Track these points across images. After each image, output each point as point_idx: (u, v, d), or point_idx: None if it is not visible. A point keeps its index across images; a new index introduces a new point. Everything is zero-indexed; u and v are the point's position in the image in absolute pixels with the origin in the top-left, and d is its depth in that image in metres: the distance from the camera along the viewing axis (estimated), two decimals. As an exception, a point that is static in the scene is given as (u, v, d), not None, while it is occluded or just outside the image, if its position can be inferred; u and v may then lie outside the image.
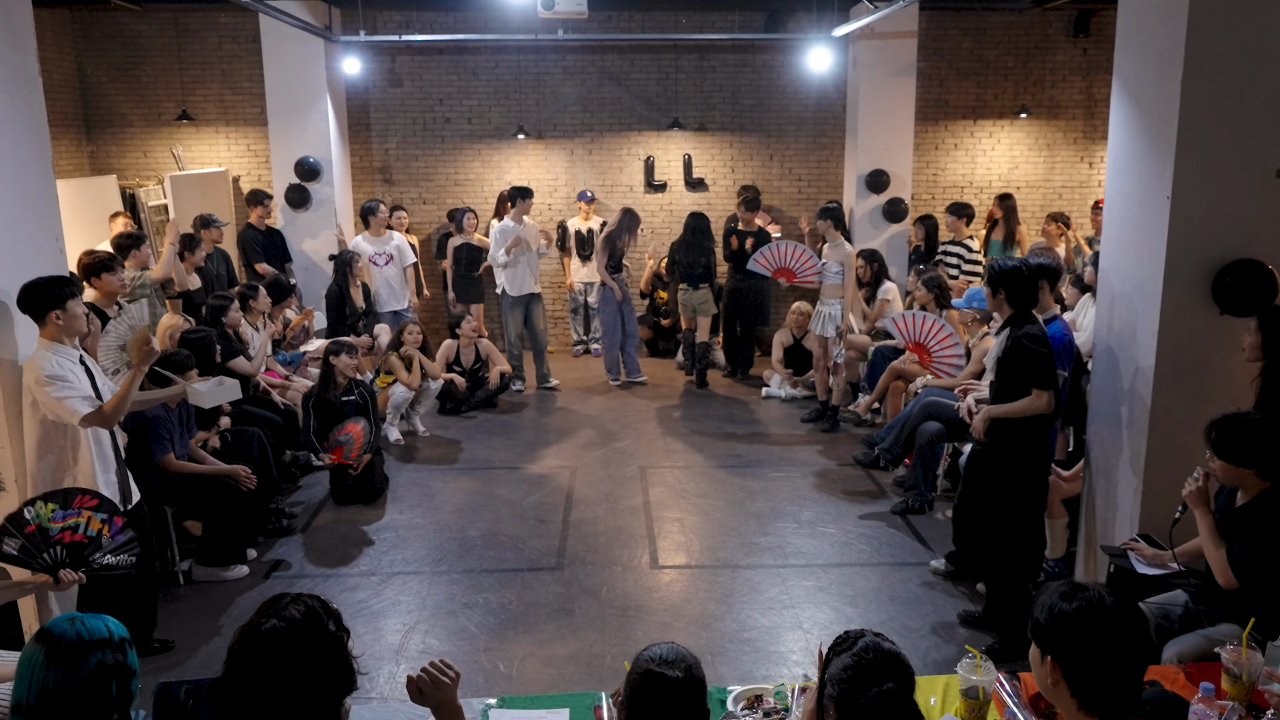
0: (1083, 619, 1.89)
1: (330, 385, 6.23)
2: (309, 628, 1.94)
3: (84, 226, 7.65)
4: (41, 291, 3.86)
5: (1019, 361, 4.03)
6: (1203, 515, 3.26)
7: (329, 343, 6.53)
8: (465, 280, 8.99)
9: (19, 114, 4.15)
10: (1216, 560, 3.19)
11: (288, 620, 1.93)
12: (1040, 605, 1.97)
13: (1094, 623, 1.88)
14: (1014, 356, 4.06)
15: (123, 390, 3.97)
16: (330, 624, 1.98)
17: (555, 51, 9.77)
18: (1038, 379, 4.00)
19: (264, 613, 1.97)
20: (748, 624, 4.54)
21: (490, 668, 4.18)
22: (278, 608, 1.97)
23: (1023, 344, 4.02)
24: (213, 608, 4.76)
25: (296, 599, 1.99)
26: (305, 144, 9.08)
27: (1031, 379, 4.01)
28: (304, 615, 1.95)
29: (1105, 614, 1.88)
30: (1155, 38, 4.02)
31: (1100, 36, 9.72)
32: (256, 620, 1.95)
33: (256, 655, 1.91)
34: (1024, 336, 4.03)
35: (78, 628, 2.12)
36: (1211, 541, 3.22)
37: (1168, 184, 3.93)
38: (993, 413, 4.14)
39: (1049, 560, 4.83)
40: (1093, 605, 1.89)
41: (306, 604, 1.98)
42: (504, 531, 5.64)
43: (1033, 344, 4.00)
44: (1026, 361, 4.01)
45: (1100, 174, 9.96)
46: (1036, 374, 4.00)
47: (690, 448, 7.13)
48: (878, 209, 9.29)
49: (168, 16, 9.48)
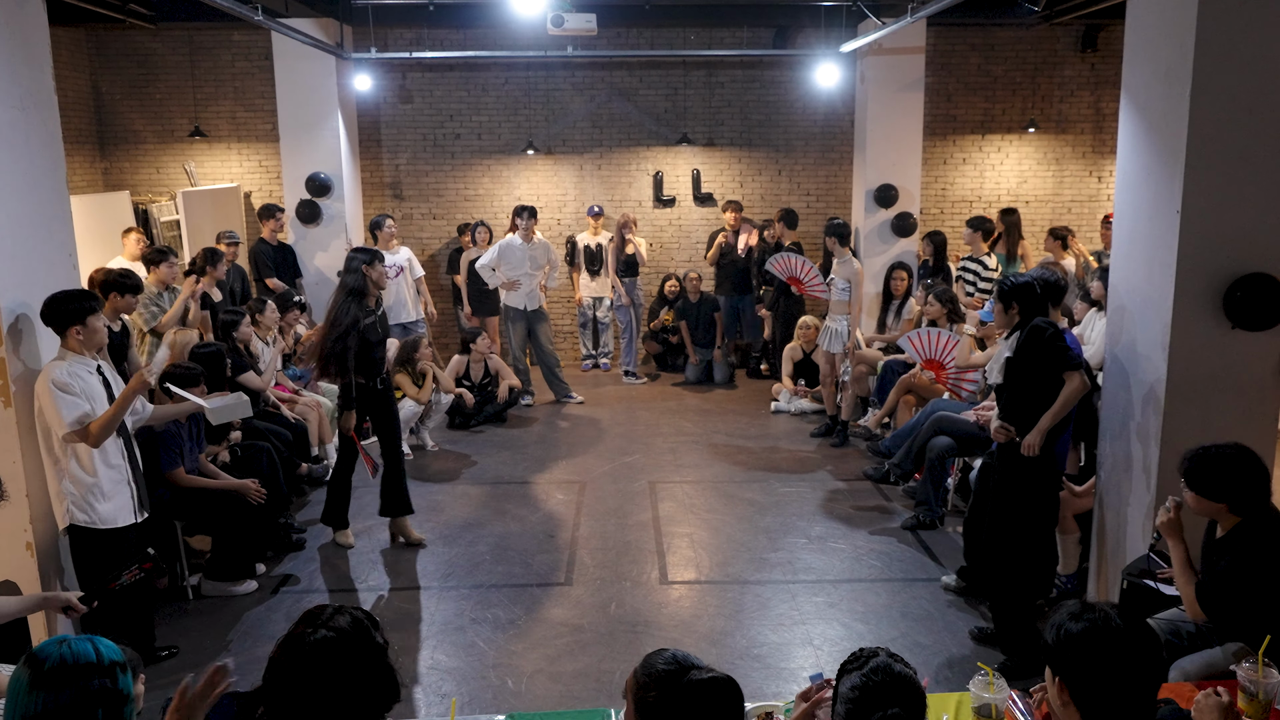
0: (1089, 639, 1.88)
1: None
2: (358, 638, 1.91)
3: (97, 242, 7.71)
4: (63, 306, 3.98)
5: (1037, 355, 4.00)
6: (1175, 545, 3.25)
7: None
8: (480, 293, 9.02)
9: (34, 130, 4.19)
10: (1185, 593, 3.18)
11: (337, 630, 1.89)
12: (1050, 625, 1.96)
13: (1101, 643, 1.87)
14: (1029, 351, 4.03)
15: (109, 414, 4.01)
16: (378, 635, 1.95)
17: (565, 68, 9.83)
18: (1062, 363, 3.98)
19: (308, 622, 1.92)
20: (758, 640, 4.52)
21: (499, 684, 4.16)
22: (322, 618, 1.92)
23: (1035, 336, 4.00)
24: (221, 622, 4.76)
25: (340, 609, 1.95)
26: (316, 160, 9.14)
27: (1057, 365, 3.98)
28: (352, 626, 1.91)
29: (1112, 634, 1.87)
30: (1163, 52, 4.02)
31: (1108, 51, 9.73)
32: (301, 630, 1.90)
33: (304, 666, 1.86)
34: (1033, 329, 4.01)
35: (63, 651, 2.03)
36: (1183, 574, 3.20)
37: (1177, 198, 3.92)
38: (1044, 425, 4.03)
39: (1061, 576, 4.80)
40: (1098, 626, 1.88)
41: (352, 614, 1.95)
42: (513, 546, 5.64)
43: (1044, 333, 3.99)
44: (1045, 351, 3.98)
45: (1109, 188, 9.95)
46: (1059, 359, 3.98)
47: (699, 462, 7.11)
48: (886, 224, 9.29)
49: (181, 35, 9.58)
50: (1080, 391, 3.98)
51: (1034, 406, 4.07)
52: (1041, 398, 4.06)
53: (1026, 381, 4.07)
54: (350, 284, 5.29)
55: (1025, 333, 4.06)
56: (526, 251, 8.44)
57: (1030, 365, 4.05)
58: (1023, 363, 4.08)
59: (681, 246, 10.27)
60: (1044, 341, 3.99)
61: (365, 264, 5.32)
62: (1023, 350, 4.07)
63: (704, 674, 1.89)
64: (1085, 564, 4.86)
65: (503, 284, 8.45)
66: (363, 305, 5.29)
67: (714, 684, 1.88)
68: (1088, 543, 4.82)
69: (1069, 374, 3.96)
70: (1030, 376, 4.07)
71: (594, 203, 9.89)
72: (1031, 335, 4.03)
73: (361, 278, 5.29)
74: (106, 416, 3.99)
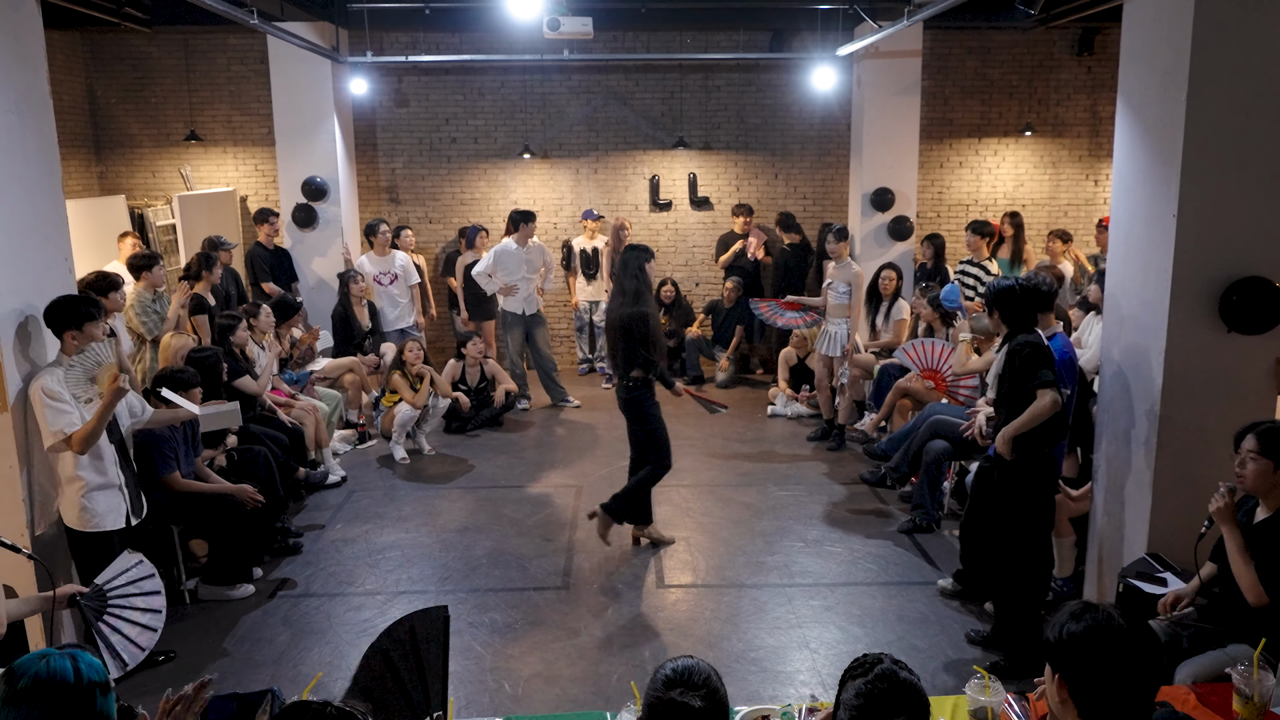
0: (1091, 638, 1.88)
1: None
2: None
3: (93, 246, 7.70)
4: (62, 310, 4.05)
5: (1017, 368, 4.04)
6: (1231, 532, 3.19)
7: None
8: (477, 297, 9.02)
9: (29, 134, 4.18)
10: (1246, 577, 3.11)
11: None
12: (1052, 624, 1.97)
13: (1102, 642, 1.87)
14: (1011, 365, 4.08)
15: (91, 423, 4.02)
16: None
17: (561, 71, 9.83)
18: (1036, 379, 3.99)
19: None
20: (754, 644, 4.51)
21: (496, 688, 4.16)
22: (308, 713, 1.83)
23: (1018, 352, 4.04)
24: (218, 627, 4.75)
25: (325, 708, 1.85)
26: (312, 164, 9.13)
27: (1031, 381, 4.00)
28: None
29: (1114, 634, 1.88)
30: (1160, 55, 4.03)
31: (1104, 55, 9.75)
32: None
33: None
34: (1018, 345, 4.05)
35: (39, 668, 1.95)
36: (1241, 558, 3.14)
37: (1174, 201, 3.93)
38: (1009, 431, 4.08)
39: (1057, 579, 4.80)
40: (1100, 625, 1.89)
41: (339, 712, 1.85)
42: (510, 550, 5.63)
43: (1029, 350, 4.02)
44: (1024, 366, 4.01)
45: (1106, 191, 9.97)
46: (1035, 376, 3.99)
47: (696, 466, 7.11)
48: (883, 227, 9.31)
49: (177, 38, 9.57)
50: (1049, 410, 3.98)
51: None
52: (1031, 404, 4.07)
53: (1015, 399, 4.10)
54: (632, 288, 5.36)
55: (1007, 354, 4.11)
56: (522, 256, 8.43)
57: (1014, 384, 4.08)
58: (1008, 376, 4.11)
59: (678, 250, 10.27)
60: (1021, 361, 4.02)
61: (647, 261, 5.44)
62: (1006, 369, 4.11)
63: (688, 697, 1.91)
64: (1081, 567, 4.87)
65: (500, 289, 8.44)
66: (648, 301, 5.45)
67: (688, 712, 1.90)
68: (1084, 546, 4.83)
69: (1040, 391, 3.98)
70: (1017, 394, 4.09)
71: (590, 207, 9.89)
72: (1010, 357, 4.08)
73: (644, 278, 5.40)
74: (87, 427, 4.01)
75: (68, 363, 4.14)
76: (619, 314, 5.38)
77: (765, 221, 9.88)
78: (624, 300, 5.37)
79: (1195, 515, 3.58)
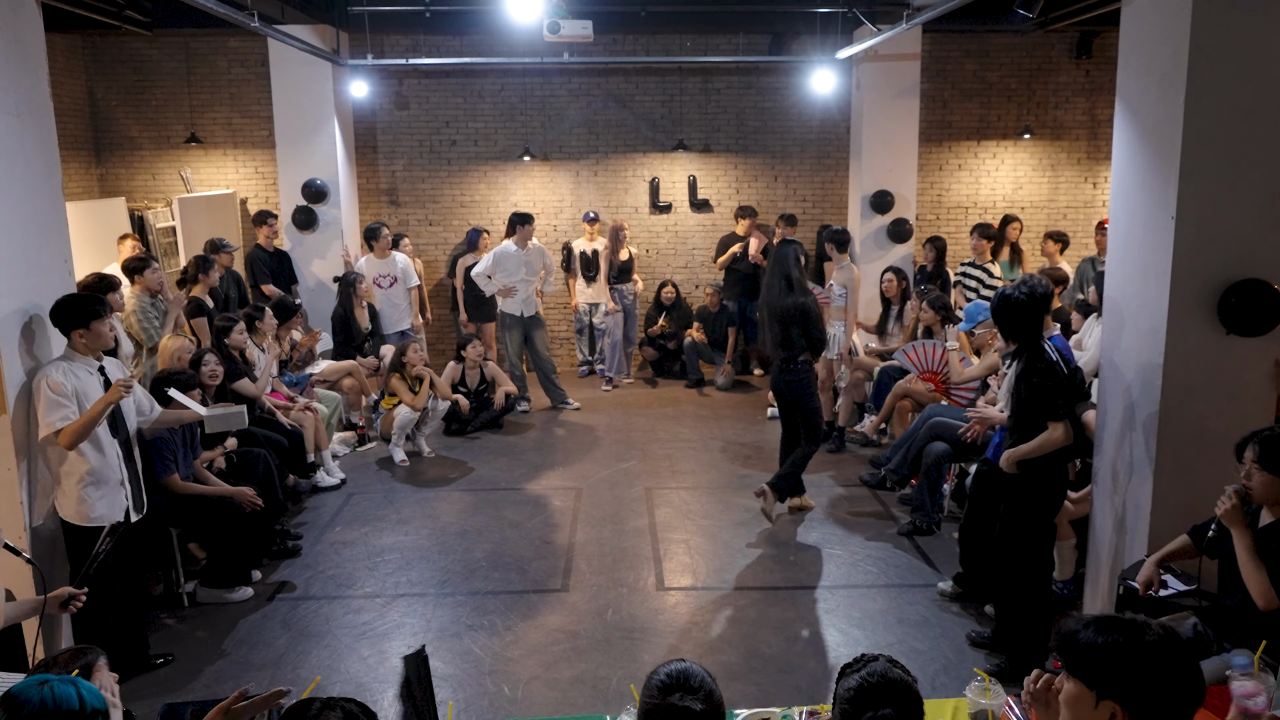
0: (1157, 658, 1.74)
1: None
2: None
3: (93, 249, 7.70)
4: (69, 309, 4.06)
5: (1029, 397, 4.02)
6: (1241, 534, 3.15)
7: None
8: (476, 299, 9.02)
9: (30, 137, 4.18)
10: (1258, 581, 3.06)
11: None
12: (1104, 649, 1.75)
13: (1173, 669, 1.74)
14: (1022, 391, 4.05)
15: (82, 421, 4.01)
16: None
17: (561, 74, 9.84)
18: (1049, 411, 3.98)
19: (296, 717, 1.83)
20: (754, 647, 4.51)
21: (495, 691, 4.15)
22: (308, 713, 1.83)
23: (1029, 380, 4.01)
24: (217, 629, 4.75)
25: (329, 704, 1.85)
26: (313, 166, 9.14)
27: (1043, 412, 3.99)
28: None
29: (1178, 652, 1.75)
30: (1158, 58, 4.03)
31: (1102, 58, 9.76)
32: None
33: None
34: (1031, 372, 4.02)
35: (44, 695, 1.93)
36: (1252, 561, 3.09)
37: (1172, 204, 3.93)
38: (1014, 455, 4.08)
39: (1058, 582, 4.80)
40: (1163, 641, 1.75)
41: (343, 708, 1.86)
42: (509, 553, 5.63)
43: (1040, 378, 3.98)
44: (1035, 396, 3.99)
45: (1104, 194, 9.97)
46: (1047, 407, 3.98)
47: (696, 469, 7.11)
48: (882, 230, 9.31)
49: (178, 41, 9.58)
50: (1060, 443, 3.98)
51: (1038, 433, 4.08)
52: (1043, 428, 4.06)
53: (1025, 424, 4.09)
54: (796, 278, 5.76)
55: (1017, 379, 4.08)
56: (521, 258, 8.44)
57: (1026, 406, 4.06)
58: (1020, 401, 4.09)
59: (678, 252, 10.28)
60: (1029, 389, 4.01)
61: (802, 253, 5.89)
62: (1019, 390, 4.09)
63: (688, 701, 1.90)
64: (1082, 569, 4.86)
65: (499, 291, 8.45)
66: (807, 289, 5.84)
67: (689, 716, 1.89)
68: (1084, 548, 4.82)
69: (1052, 424, 3.98)
70: (1026, 421, 4.08)
71: (590, 209, 9.89)
72: (1024, 380, 4.04)
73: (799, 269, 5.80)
74: (79, 423, 4.00)
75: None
76: (783, 302, 5.73)
77: (766, 223, 9.88)
78: (784, 289, 5.74)
79: (1195, 517, 3.58)
